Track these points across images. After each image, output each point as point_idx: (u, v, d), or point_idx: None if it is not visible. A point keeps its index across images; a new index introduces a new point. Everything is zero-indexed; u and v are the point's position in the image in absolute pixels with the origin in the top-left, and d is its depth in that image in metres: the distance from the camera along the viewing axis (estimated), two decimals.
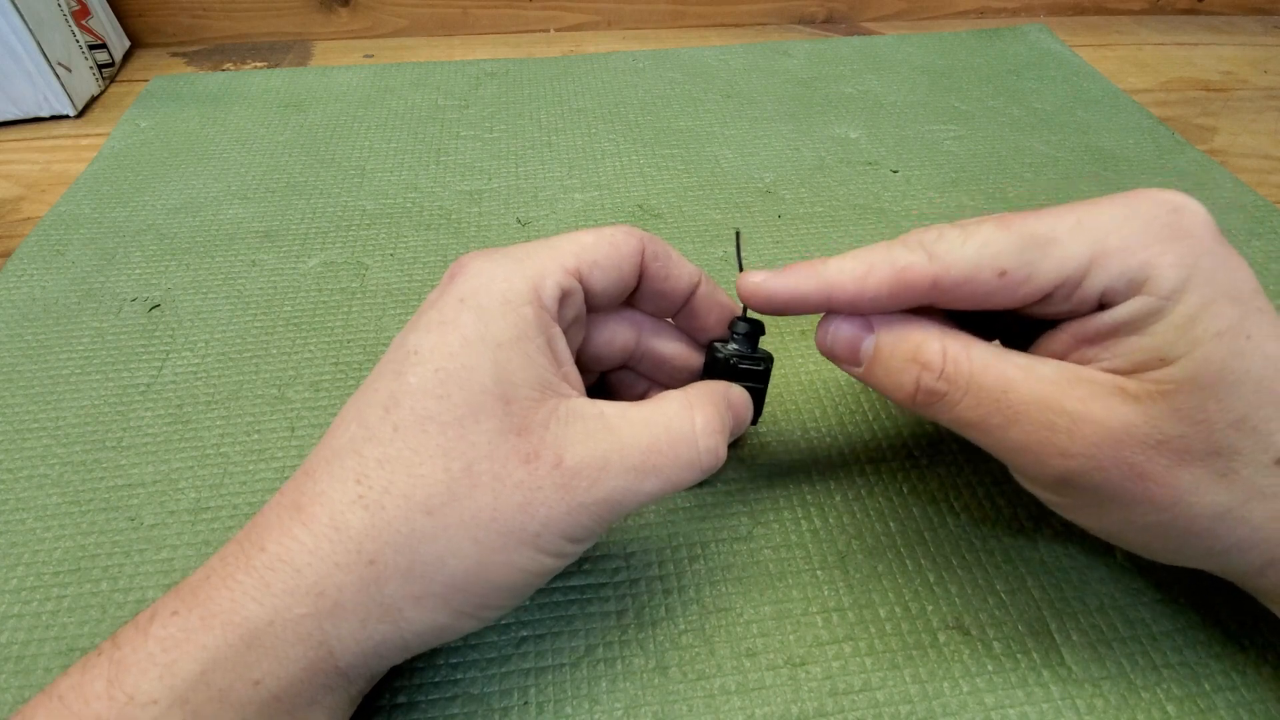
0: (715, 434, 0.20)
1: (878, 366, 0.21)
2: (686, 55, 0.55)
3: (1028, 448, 0.18)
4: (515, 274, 0.19)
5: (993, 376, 0.19)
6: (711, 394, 0.21)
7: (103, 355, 0.31)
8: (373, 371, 0.19)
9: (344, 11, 0.58)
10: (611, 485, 0.18)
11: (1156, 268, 0.17)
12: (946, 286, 0.19)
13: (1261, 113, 0.51)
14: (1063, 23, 0.63)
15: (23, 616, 0.23)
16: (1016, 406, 0.18)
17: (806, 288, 0.20)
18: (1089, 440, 0.17)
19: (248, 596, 0.16)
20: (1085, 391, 0.18)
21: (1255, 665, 0.22)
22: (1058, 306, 0.19)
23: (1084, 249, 0.18)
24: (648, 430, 0.19)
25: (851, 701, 0.21)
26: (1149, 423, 0.17)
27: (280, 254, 0.36)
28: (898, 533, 0.25)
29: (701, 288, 0.23)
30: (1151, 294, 0.17)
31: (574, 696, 0.21)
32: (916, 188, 0.42)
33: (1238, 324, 0.17)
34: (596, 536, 0.19)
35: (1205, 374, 0.17)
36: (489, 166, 0.43)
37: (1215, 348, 0.17)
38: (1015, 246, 0.18)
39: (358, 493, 0.17)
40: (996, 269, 0.18)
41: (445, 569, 0.17)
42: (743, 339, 0.23)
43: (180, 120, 0.46)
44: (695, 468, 0.19)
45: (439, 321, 0.18)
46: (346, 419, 0.18)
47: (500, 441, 0.17)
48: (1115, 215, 0.18)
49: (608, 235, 0.21)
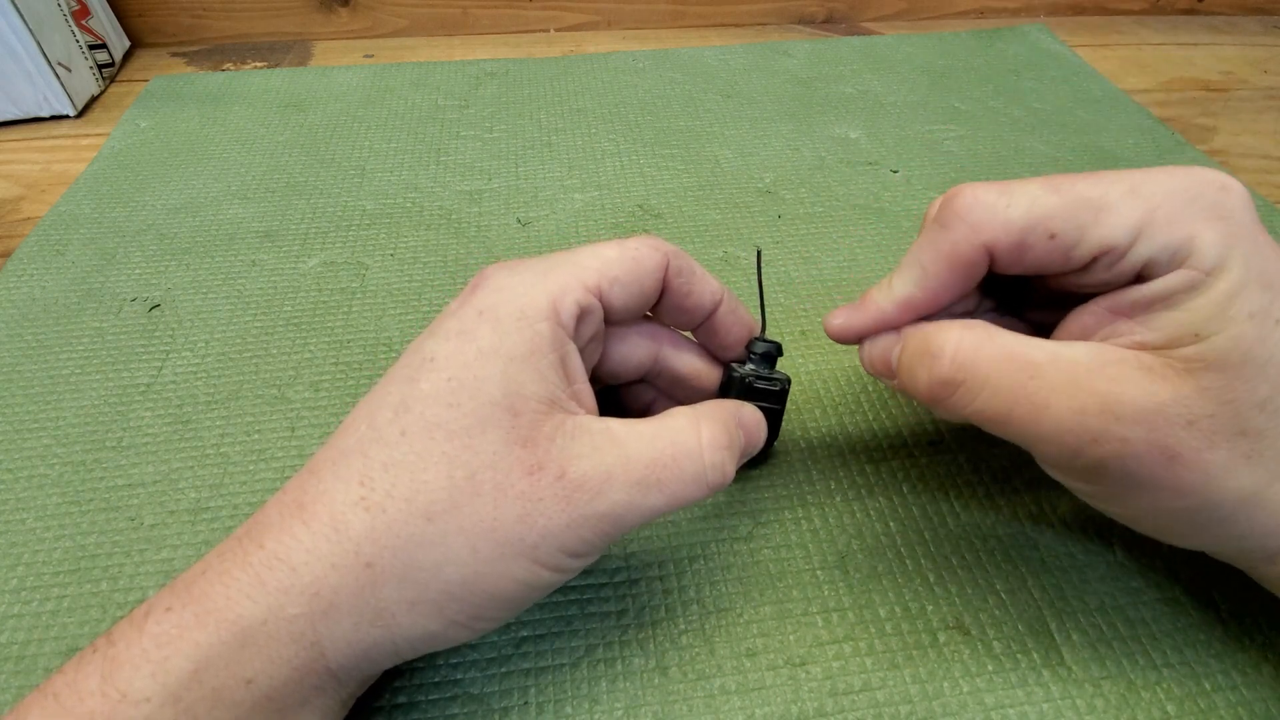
0: (722, 449, 0.19)
1: (902, 372, 0.21)
2: (686, 55, 0.55)
3: (1058, 436, 0.18)
4: (535, 289, 0.19)
5: (1017, 364, 0.18)
6: (720, 411, 0.21)
7: (103, 355, 0.31)
8: (386, 374, 0.19)
9: (344, 11, 0.58)
10: (614, 499, 0.18)
11: (1200, 243, 0.17)
12: (998, 253, 0.19)
13: (1261, 113, 0.51)
14: (1063, 23, 0.63)
15: (23, 616, 0.23)
16: (1045, 393, 0.18)
17: (886, 313, 0.21)
18: (1124, 420, 0.17)
19: (243, 594, 0.16)
20: (1116, 371, 0.17)
21: (1255, 665, 0.22)
22: (1097, 276, 0.18)
23: (1135, 217, 0.17)
24: (653, 445, 0.19)
25: (851, 701, 0.21)
26: (1179, 402, 0.17)
27: (280, 254, 0.36)
28: (898, 533, 0.25)
29: (724, 305, 0.23)
30: (1194, 268, 0.17)
31: (574, 696, 0.21)
32: (916, 188, 0.42)
33: (1268, 308, 0.17)
34: (596, 553, 0.19)
35: (1234, 354, 0.17)
36: (489, 166, 0.43)
37: (1247, 329, 0.17)
38: (1066, 210, 0.18)
39: (360, 494, 0.17)
40: (1047, 232, 0.18)
41: (441, 575, 0.17)
42: (760, 359, 0.23)
43: (180, 120, 0.46)
44: (700, 483, 0.19)
45: (458, 331, 0.18)
46: (357, 420, 0.18)
47: (505, 452, 0.17)
48: (1167, 187, 0.18)
49: (631, 250, 0.21)
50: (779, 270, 0.36)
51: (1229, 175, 0.18)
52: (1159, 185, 0.18)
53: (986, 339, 0.19)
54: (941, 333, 0.19)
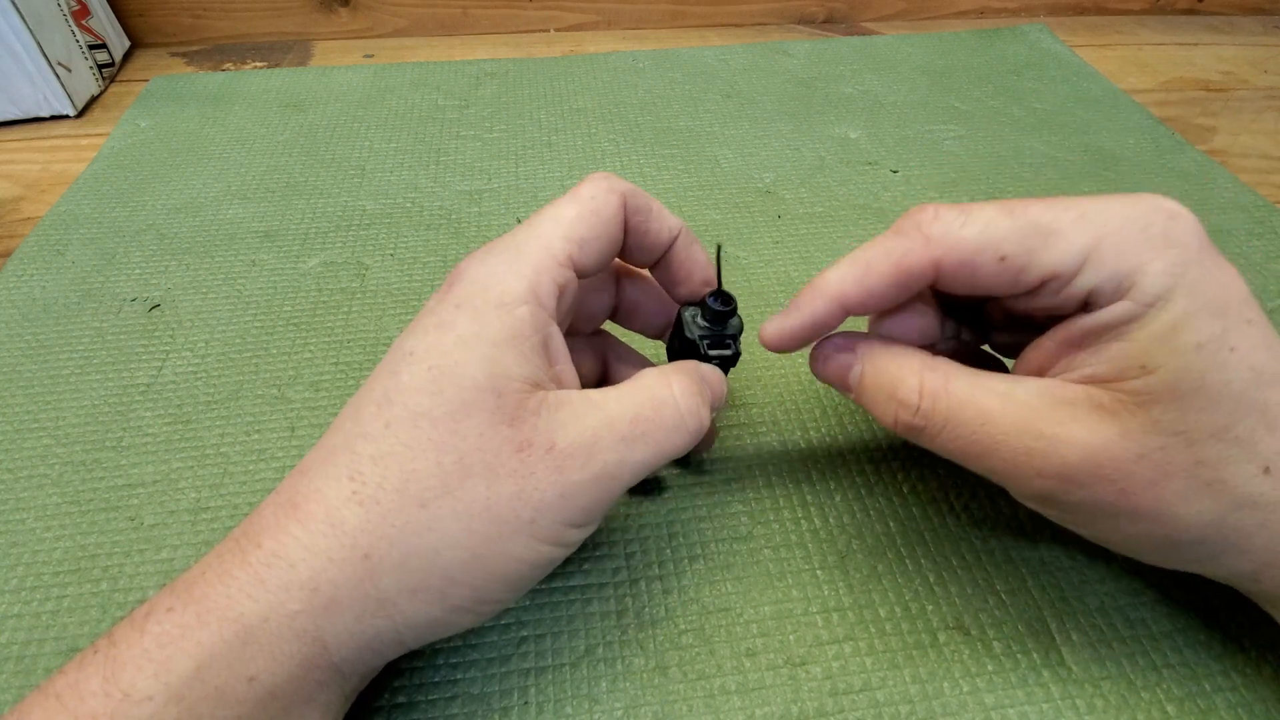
0: (694, 396, 0.20)
1: (864, 397, 0.21)
2: (686, 55, 0.55)
3: (1007, 472, 0.19)
4: (511, 276, 0.19)
5: (971, 411, 0.19)
6: (684, 366, 0.21)
7: (103, 355, 0.31)
8: (371, 374, 0.19)
9: (344, 11, 0.58)
10: (604, 459, 0.18)
11: (1144, 274, 0.17)
12: (947, 269, 0.19)
13: (1261, 113, 0.51)
14: (1063, 23, 0.63)
15: (23, 616, 0.23)
16: (995, 436, 0.19)
17: (818, 312, 0.21)
18: (1066, 462, 0.18)
19: (243, 593, 0.16)
20: (1064, 414, 0.18)
21: (1255, 665, 0.22)
22: (1045, 300, 0.19)
23: (1082, 244, 0.18)
24: (632, 400, 0.19)
25: (851, 701, 0.21)
26: (1127, 437, 0.17)
27: (280, 254, 0.36)
28: (898, 533, 0.25)
29: (680, 238, 0.23)
30: (1135, 300, 0.17)
31: (574, 696, 0.21)
32: (916, 188, 0.42)
33: (1220, 336, 0.17)
34: (595, 520, 0.19)
35: (1184, 385, 0.17)
36: (489, 166, 0.43)
37: (1195, 359, 0.17)
38: (1017, 234, 0.18)
39: (352, 489, 0.17)
40: (998, 254, 0.18)
41: (440, 561, 0.17)
42: (714, 318, 0.23)
43: (180, 120, 0.46)
44: (681, 429, 0.20)
45: (435, 324, 0.19)
46: (343, 418, 0.18)
47: (492, 434, 0.17)
48: (1116, 215, 0.18)
49: (588, 200, 0.20)
50: (779, 270, 0.36)
51: (1179, 204, 0.18)
52: (1110, 213, 0.18)
53: (943, 387, 0.20)
54: (908, 378, 0.20)
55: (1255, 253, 0.37)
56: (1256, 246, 0.38)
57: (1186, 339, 0.17)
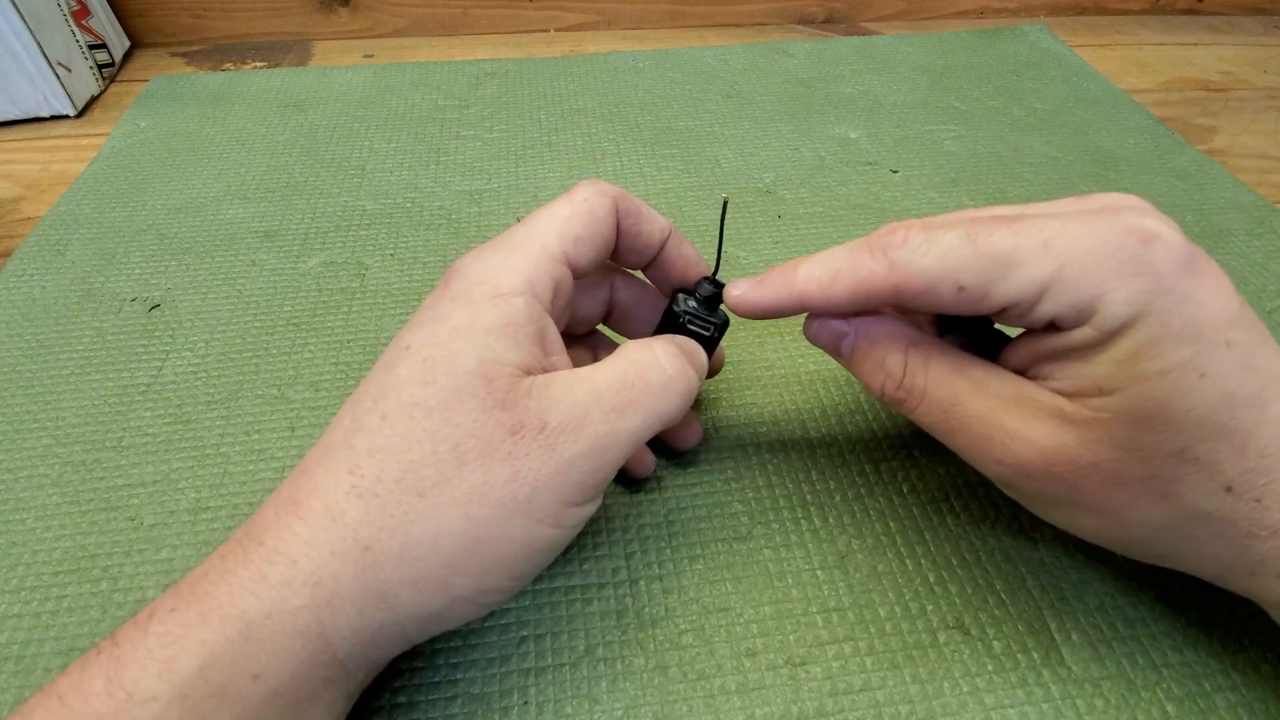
0: (677, 358, 0.21)
1: (855, 364, 0.22)
2: (686, 55, 0.55)
3: (969, 453, 0.20)
4: (507, 270, 0.19)
5: (944, 392, 0.20)
6: (664, 336, 0.22)
7: (103, 355, 0.31)
8: (369, 372, 0.19)
9: (344, 11, 0.58)
10: (595, 430, 0.18)
11: (1106, 303, 0.17)
12: (907, 295, 0.19)
13: (1261, 113, 0.51)
14: (1063, 23, 0.63)
15: (23, 616, 0.23)
16: (962, 419, 0.20)
17: (781, 297, 0.21)
18: (1021, 456, 0.19)
19: (245, 590, 0.16)
20: (1026, 411, 0.19)
21: (1255, 665, 0.22)
22: (1011, 320, 0.19)
23: (1042, 275, 0.17)
24: (617, 370, 0.20)
25: (851, 701, 0.21)
26: (1082, 445, 0.18)
27: (280, 254, 0.36)
28: (898, 533, 0.25)
29: (671, 239, 0.23)
30: (1095, 328, 0.17)
31: (574, 696, 0.21)
32: (916, 188, 0.42)
33: (1189, 362, 0.16)
34: (593, 497, 0.19)
35: (1143, 408, 0.17)
36: (489, 166, 0.43)
37: (1156, 385, 0.17)
38: (976, 265, 0.18)
39: (351, 483, 0.17)
40: (956, 284, 0.18)
41: (439, 549, 0.17)
42: (703, 301, 0.23)
43: (180, 120, 0.46)
44: (670, 390, 0.20)
45: (431, 318, 0.19)
46: (342, 415, 0.19)
47: (484, 419, 0.17)
48: (1084, 241, 0.17)
49: (582, 201, 0.21)
50: None
51: (1162, 223, 0.18)
52: (1077, 240, 0.17)
53: (923, 365, 0.21)
54: (895, 354, 0.21)
55: (1255, 253, 0.37)
56: (1256, 246, 0.38)
57: (1148, 366, 0.17)
